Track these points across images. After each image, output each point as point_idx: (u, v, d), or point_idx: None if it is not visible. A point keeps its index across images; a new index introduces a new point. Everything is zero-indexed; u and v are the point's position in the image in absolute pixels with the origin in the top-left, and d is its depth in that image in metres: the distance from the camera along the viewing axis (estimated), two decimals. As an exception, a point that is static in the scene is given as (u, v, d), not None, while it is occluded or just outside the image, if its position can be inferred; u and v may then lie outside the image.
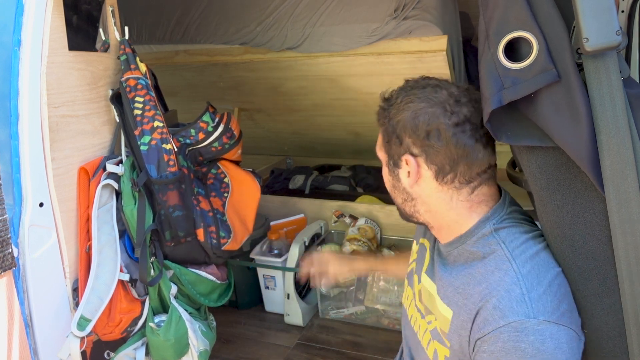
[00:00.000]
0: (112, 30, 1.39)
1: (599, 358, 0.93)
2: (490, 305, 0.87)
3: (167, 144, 1.35)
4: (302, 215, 2.29)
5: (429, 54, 1.78)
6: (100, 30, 1.36)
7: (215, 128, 1.53)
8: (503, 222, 0.98)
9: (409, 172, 0.99)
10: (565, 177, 0.88)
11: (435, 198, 1.00)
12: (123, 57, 1.38)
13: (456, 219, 1.00)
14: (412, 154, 0.97)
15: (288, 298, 1.99)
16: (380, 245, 2.16)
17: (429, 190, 1.00)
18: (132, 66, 1.37)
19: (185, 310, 1.44)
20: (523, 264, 0.90)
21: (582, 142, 0.81)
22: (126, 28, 1.41)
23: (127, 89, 1.35)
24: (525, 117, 0.90)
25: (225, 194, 1.58)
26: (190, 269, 1.46)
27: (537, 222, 1.05)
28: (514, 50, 0.89)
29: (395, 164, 1.01)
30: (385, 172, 1.05)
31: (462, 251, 0.99)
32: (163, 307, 1.43)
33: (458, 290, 0.95)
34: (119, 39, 1.39)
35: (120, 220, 1.36)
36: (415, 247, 1.22)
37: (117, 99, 1.39)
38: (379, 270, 1.62)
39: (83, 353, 1.24)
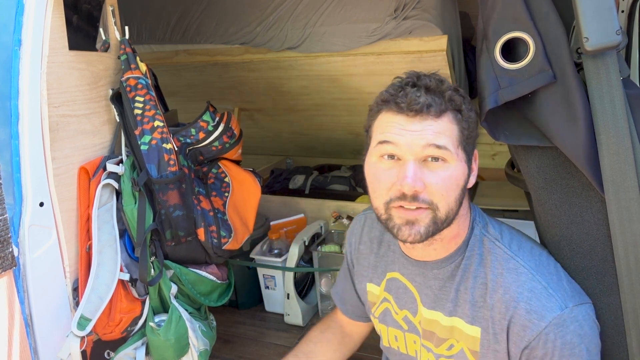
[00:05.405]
0: (112, 30, 1.39)
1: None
2: (522, 310, 0.85)
3: (167, 143, 1.35)
4: (302, 215, 2.29)
5: (429, 54, 1.78)
6: (101, 30, 1.36)
7: (216, 127, 1.53)
8: (483, 220, 0.97)
9: (476, 168, 0.94)
10: (563, 177, 0.89)
11: (465, 200, 0.93)
12: (123, 57, 1.38)
13: (458, 230, 0.94)
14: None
15: (288, 298, 1.99)
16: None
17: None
18: (133, 66, 1.37)
19: (186, 310, 1.44)
20: (526, 258, 0.90)
21: (580, 142, 0.81)
22: (126, 28, 1.41)
23: (128, 89, 1.35)
24: (522, 116, 0.91)
25: (226, 194, 1.59)
26: (190, 268, 1.46)
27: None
28: (512, 50, 0.89)
29: (470, 160, 0.91)
30: (457, 171, 0.87)
31: (460, 263, 0.94)
32: (163, 306, 1.43)
33: (478, 304, 0.90)
34: (119, 39, 1.40)
35: (121, 219, 1.36)
36: (377, 288, 1.10)
37: (118, 98, 1.39)
38: None
39: (83, 353, 1.24)
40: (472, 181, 0.92)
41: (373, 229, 1.13)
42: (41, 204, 1.20)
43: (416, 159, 0.84)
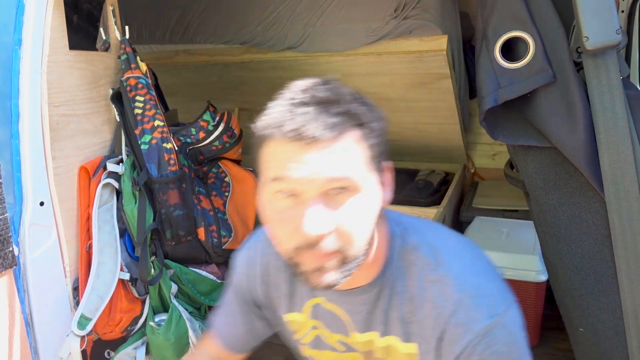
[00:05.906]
0: (112, 29, 1.39)
1: (596, 357, 0.93)
2: (451, 325, 0.78)
3: (167, 143, 1.35)
4: (302, 215, 2.29)
5: (429, 54, 1.78)
6: (101, 29, 1.36)
7: (216, 127, 1.54)
8: (401, 229, 0.87)
9: (388, 182, 0.80)
10: (561, 177, 0.89)
11: (381, 221, 0.81)
12: (124, 57, 1.38)
13: (378, 254, 0.83)
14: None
15: (288, 298, 1.99)
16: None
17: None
18: (133, 65, 1.37)
19: (186, 309, 1.44)
20: (449, 264, 0.81)
21: (579, 142, 0.81)
22: (127, 27, 1.41)
23: (128, 88, 1.35)
24: (521, 116, 0.91)
25: (226, 193, 1.59)
26: (190, 268, 1.46)
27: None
28: (511, 49, 0.89)
29: (381, 180, 0.77)
30: (368, 199, 0.73)
31: (384, 284, 0.85)
32: (163, 306, 1.43)
33: (407, 320, 0.84)
34: (119, 39, 1.40)
35: (121, 219, 1.36)
36: (299, 315, 0.98)
37: (118, 98, 1.39)
38: None
39: (83, 352, 1.24)
40: (387, 198, 0.79)
41: (279, 258, 0.96)
42: (41, 204, 1.20)
43: (319, 194, 0.70)
